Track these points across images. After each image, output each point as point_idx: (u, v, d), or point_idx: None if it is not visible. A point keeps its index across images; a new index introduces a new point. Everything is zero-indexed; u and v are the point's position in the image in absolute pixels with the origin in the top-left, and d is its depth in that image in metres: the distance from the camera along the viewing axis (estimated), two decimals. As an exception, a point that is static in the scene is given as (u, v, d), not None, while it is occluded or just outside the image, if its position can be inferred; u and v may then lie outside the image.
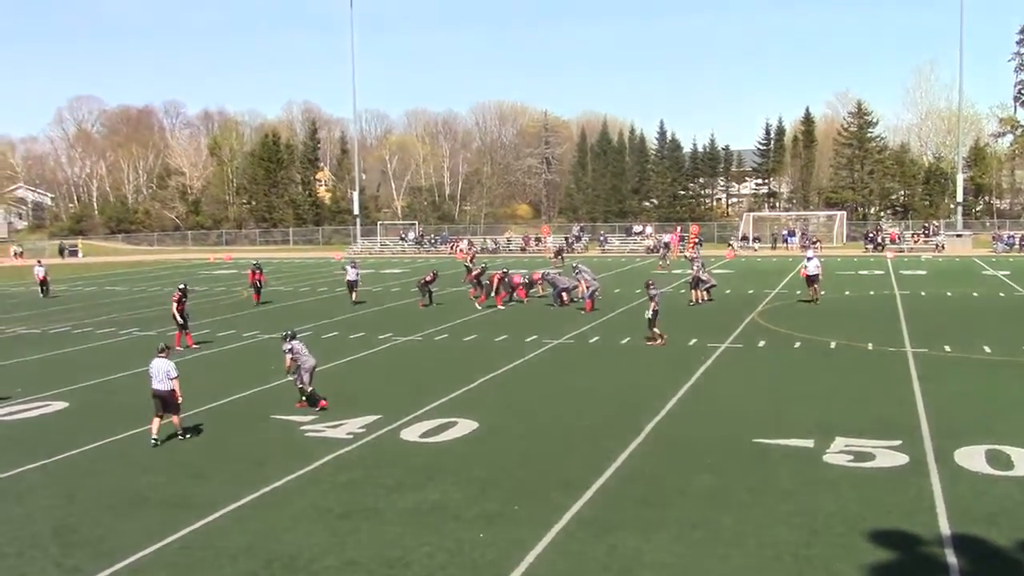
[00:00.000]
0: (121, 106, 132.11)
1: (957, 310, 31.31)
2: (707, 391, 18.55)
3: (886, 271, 48.29)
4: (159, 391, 15.22)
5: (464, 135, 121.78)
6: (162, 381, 15.20)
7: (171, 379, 15.20)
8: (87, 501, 12.39)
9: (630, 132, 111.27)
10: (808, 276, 33.43)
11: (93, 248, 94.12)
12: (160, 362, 15.35)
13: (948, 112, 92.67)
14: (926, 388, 18.10)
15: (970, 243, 70.24)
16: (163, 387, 15.20)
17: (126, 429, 16.11)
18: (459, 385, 19.36)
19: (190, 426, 15.99)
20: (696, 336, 25.33)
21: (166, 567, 10.01)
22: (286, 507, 11.88)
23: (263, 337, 27.51)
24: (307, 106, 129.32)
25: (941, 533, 10.44)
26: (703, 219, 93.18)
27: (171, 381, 15.20)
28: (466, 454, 14.17)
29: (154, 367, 15.35)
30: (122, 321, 32.55)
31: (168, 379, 15.19)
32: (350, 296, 36.38)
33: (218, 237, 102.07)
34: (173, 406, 15.32)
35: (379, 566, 9.88)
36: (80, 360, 24.39)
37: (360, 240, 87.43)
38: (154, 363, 15.40)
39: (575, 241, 78.65)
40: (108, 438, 15.54)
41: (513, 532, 10.75)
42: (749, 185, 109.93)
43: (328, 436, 15.38)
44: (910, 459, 13.26)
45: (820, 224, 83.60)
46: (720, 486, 12.28)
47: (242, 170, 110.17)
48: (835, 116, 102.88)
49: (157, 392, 15.23)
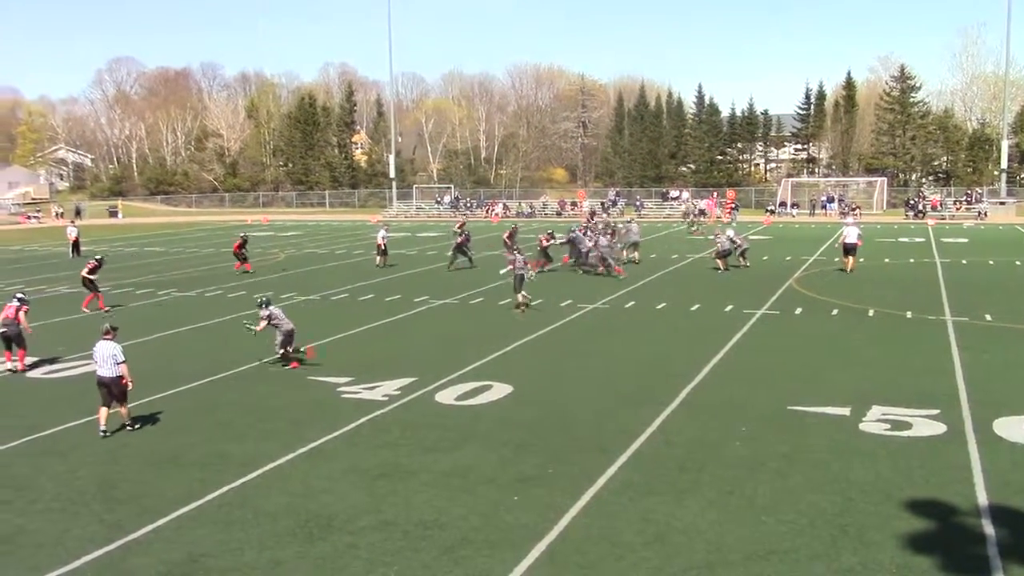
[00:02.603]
0: (159, 68, 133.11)
1: (999, 279, 30.85)
2: (743, 358, 18.47)
3: (927, 239, 47.65)
4: (104, 378, 13.73)
5: (500, 98, 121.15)
6: (107, 366, 13.71)
7: (118, 364, 13.72)
8: (128, 459, 12.62)
9: (668, 96, 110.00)
10: (846, 244, 32.40)
11: (132, 209, 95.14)
12: (105, 345, 13.85)
13: (994, 76, 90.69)
14: (965, 357, 17.89)
15: (1014, 211, 69.00)
16: (108, 373, 13.70)
17: (164, 389, 16.34)
18: (494, 349, 19.42)
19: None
20: (732, 303, 25.18)
21: (206, 524, 10.19)
22: (323, 467, 12.02)
23: (298, 299, 27.71)
24: (343, 69, 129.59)
25: (978, 503, 10.36)
26: (741, 185, 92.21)
27: (118, 366, 13.72)
28: (501, 417, 14.24)
29: (98, 351, 13.85)
30: (161, 282, 32.94)
31: (115, 364, 13.70)
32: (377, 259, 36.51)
33: (255, 199, 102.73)
34: (120, 394, 13.83)
35: (414, 527, 9.99)
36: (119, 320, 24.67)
37: (396, 203, 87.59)
38: (98, 346, 13.91)
39: (611, 206, 78.26)
40: (147, 398, 15.74)
41: (547, 496, 10.81)
42: (788, 151, 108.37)
43: (364, 398, 15.52)
44: (948, 429, 13.15)
45: (860, 190, 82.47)
46: (755, 453, 12.25)
47: (279, 132, 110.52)
48: (877, 81, 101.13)
49: (102, 379, 13.75)
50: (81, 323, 24.09)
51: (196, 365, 18.34)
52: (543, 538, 9.62)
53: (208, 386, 16.70)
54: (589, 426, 13.68)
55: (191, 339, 21.80)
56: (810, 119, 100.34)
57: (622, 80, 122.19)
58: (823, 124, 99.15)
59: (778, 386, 15.89)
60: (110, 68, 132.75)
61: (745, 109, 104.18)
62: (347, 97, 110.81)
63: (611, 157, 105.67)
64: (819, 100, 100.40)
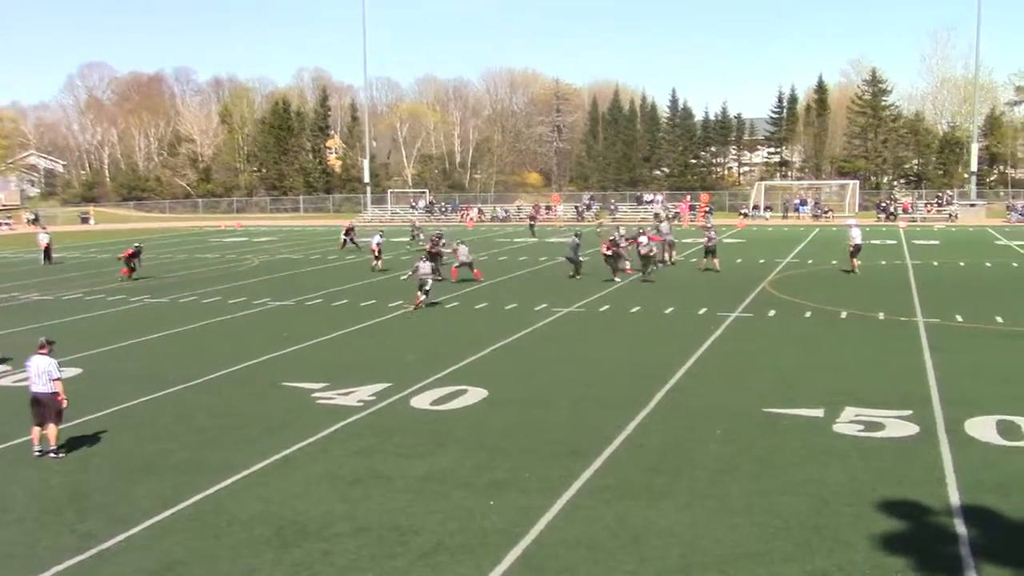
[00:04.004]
0: (132, 73, 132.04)
1: (970, 280, 31.18)
2: (717, 360, 18.55)
3: (898, 241, 48.07)
4: (38, 394, 12.88)
5: (475, 103, 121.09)
6: (41, 382, 12.86)
7: (53, 380, 12.85)
8: (101, 467, 12.49)
9: (641, 100, 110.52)
10: (857, 246, 32.72)
11: (104, 215, 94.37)
12: (40, 359, 12.95)
13: (964, 80, 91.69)
14: (937, 358, 18.06)
15: (984, 213, 69.78)
16: (43, 389, 12.86)
17: (138, 396, 16.21)
18: (469, 353, 19.40)
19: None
20: (706, 305, 25.30)
21: (179, 532, 10.11)
22: (297, 474, 11.96)
23: (273, 304, 27.60)
24: (317, 73, 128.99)
25: (951, 503, 10.44)
26: (714, 188, 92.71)
27: (52, 382, 12.85)
28: (476, 422, 14.22)
29: (33, 365, 12.96)
30: (133, 288, 32.67)
31: (49, 380, 12.84)
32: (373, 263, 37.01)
33: (229, 205, 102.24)
34: (54, 412, 12.89)
35: (389, 533, 9.96)
36: (92, 327, 24.52)
37: (370, 208, 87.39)
38: (33, 360, 13.01)
39: (585, 210, 78.41)
40: (121, 404, 15.63)
41: (523, 500, 10.80)
42: (761, 154, 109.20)
43: (339, 403, 15.45)
44: (920, 429, 13.25)
45: (832, 193, 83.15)
46: (729, 455, 12.30)
47: (252, 138, 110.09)
48: (849, 84, 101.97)
49: (36, 396, 12.89)
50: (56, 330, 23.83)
51: (170, 372, 18.18)
52: (519, 542, 9.61)
53: (182, 393, 16.57)
54: (564, 430, 13.68)
55: (165, 345, 21.62)
56: (783, 123, 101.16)
57: (596, 84, 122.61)
58: (795, 128, 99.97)
59: (752, 388, 15.96)
60: (82, 73, 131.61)
61: (718, 113, 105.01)
62: (321, 102, 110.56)
63: (585, 161, 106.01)
64: (791, 104, 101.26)
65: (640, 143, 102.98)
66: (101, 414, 15.10)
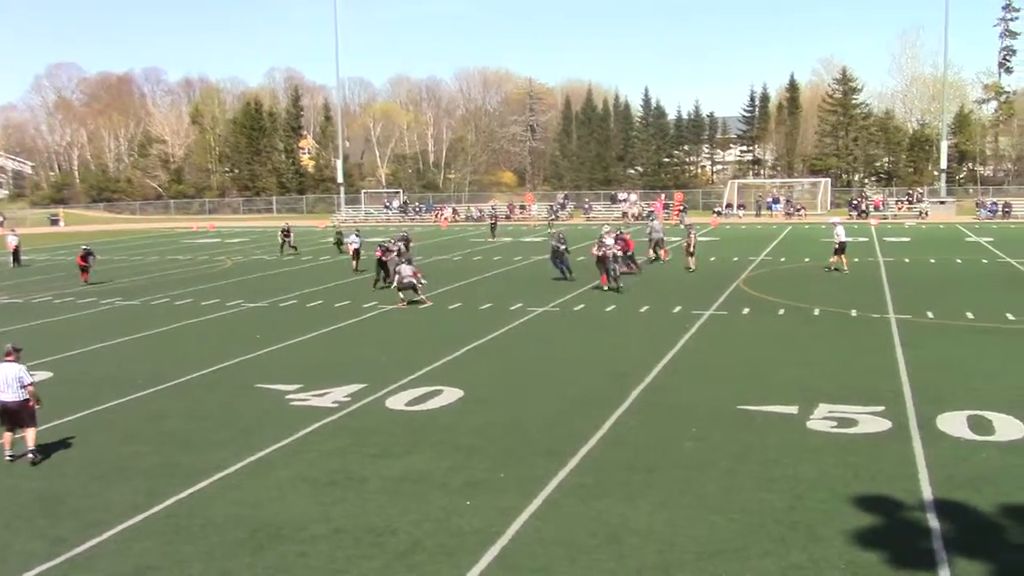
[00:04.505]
0: (101, 73, 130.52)
1: (940, 277, 31.46)
2: (692, 358, 18.61)
3: (870, 238, 48.43)
4: (6, 403, 12.60)
5: (448, 102, 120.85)
6: (11, 390, 12.61)
7: (23, 387, 12.64)
8: (73, 471, 12.36)
9: (615, 99, 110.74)
10: (842, 243, 32.25)
11: (75, 217, 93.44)
12: (7, 367, 12.67)
13: (933, 78, 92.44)
14: (909, 354, 18.21)
15: (954, 210, 70.49)
16: (12, 398, 12.60)
17: (109, 399, 16.06)
18: (444, 353, 19.36)
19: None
20: (680, 304, 25.38)
21: (152, 536, 10.01)
22: (272, 476, 11.88)
23: (247, 306, 27.44)
24: (290, 73, 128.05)
25: (923, 498, 10.53)
26: (688, 186, 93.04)
27: (23, 389, 12.64)
28: (452, 422, 14.19)
29: (0, 374, 12.66)
30: (104, 291, 32.37)
31: (20, 387, 12.61)
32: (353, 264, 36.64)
33: (201, 206, 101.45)
34: (27, 418, 12.76)
35: (365, 534, 9.91)
36: (62, 330, 24.27)
37: (344, 208, 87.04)
38: (0, 368, 12.72)
39: (560, 209, 78.49)
40: (91, 408, 15.48)
41: (499, 500, 10.79)
42: (734, 152, 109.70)
43: (313, 405, 15.38)
44: (893, 425, 13.36)
45: (804, 191, 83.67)
46: (705, 453, 12.35)
47: (224, 138, 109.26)
48: (820, 83, 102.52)
49: (5, 406, 12.61)
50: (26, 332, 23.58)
51: (142, 374, 18.03)
52: (495, 542, 9.59)
53: (155, 395, 16.43)
54: (540, 429, 13.68)
55: (137, 348, 21.43)
56: (755, 121, 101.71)
57: (570, 83, 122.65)
58: (768, 126, 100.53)
59: (727, 386, 16.03)
60: (50, 73, 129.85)
61: (691, 112, 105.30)
62: (294, 102, 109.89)
63: (559, 160, 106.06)
64: (764, 103, 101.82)
65: (614, 142, 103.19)
66: (72, 418, 14.95)
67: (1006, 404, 14.27)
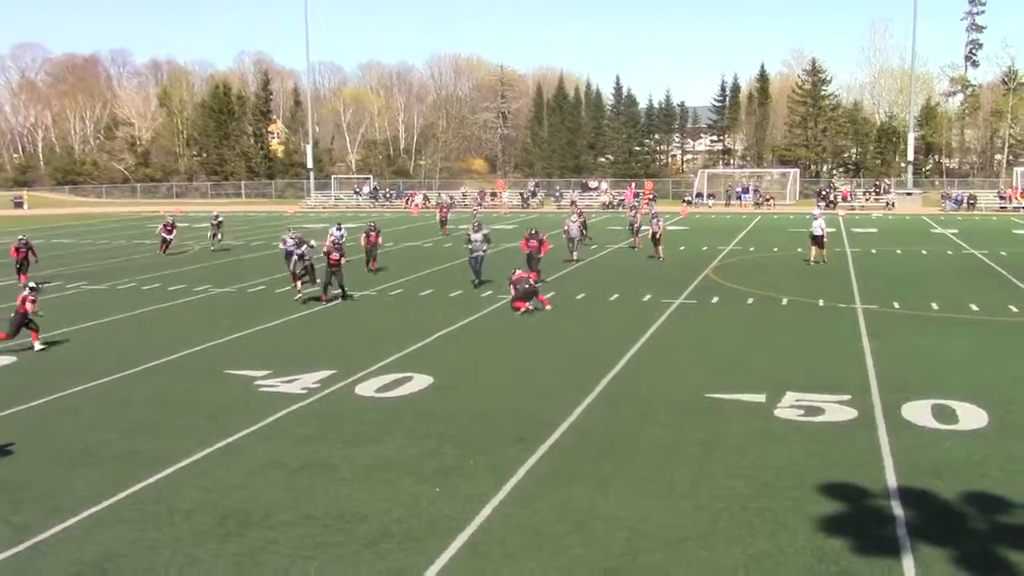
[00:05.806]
0: (67, 54, 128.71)
1: (906, 268, 31.81)
2: (661, 347, 18.70)
3: (837, 229, 48.83)
4: None
5: (419, 88, 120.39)
6: None
7: None
8: (37, 457, 12.21)
9: (586, 87, 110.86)
10: (816, 236, 32.03)
11: (39, 200, 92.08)
12: None
13: (900, 71, 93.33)
14: (875, 344, 18.40)
15: (920, 201, 71.23)
16: None
17: (74, 385, 15.88)
18: (415, 340, 19.32)
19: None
20: (650, 292, 25.48)
21: (118, 523, 9.92)
22: (240, 462, 11.81)
23: (214, 291, 27.22)
24: (259, 57, 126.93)
25: (888, 486, 10.66)
26: (658, 175, 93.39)
27: None
28: (422, 409, 14.16)
29: None
30: (70, 275, 31.99)
31: None
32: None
33: (168, 190, 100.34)
34: None
35: (334, 521, 9.88)
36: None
37: (314, 194, 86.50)
38: None
39: (530, 196, 78.47)
40: (56, 393, 15.30)
41: (469, 487, 10.79)
42: (704, 142, 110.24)
43: (282, 391, 15.29)
44: (859, 414, 13.50)
45: (774, 181, 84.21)
46: (673, 440, 12.42)
47: (192, 122, 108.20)
48: (790, 74, 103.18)
49: None
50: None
51: (108, 360, 17.84)
52: (465, 529, 9.60)
53: (121, 381, 16.27)
54: (510, 416, 13.69)
55: (103, 333, 21.20)
56: (725, 111, 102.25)
57: (541, 71, 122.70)
58: (738, 116, 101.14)
59: (695, 374, 16.12)
60: (14, 54, 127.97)
61: (662, 101, 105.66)
62: (263, 86, 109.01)
63: (531, 148, 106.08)
64: (734, 93, 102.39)
65: (585, 130, 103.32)
66: (37, 403, 14.77)
67: (970, 393, 14.47)
